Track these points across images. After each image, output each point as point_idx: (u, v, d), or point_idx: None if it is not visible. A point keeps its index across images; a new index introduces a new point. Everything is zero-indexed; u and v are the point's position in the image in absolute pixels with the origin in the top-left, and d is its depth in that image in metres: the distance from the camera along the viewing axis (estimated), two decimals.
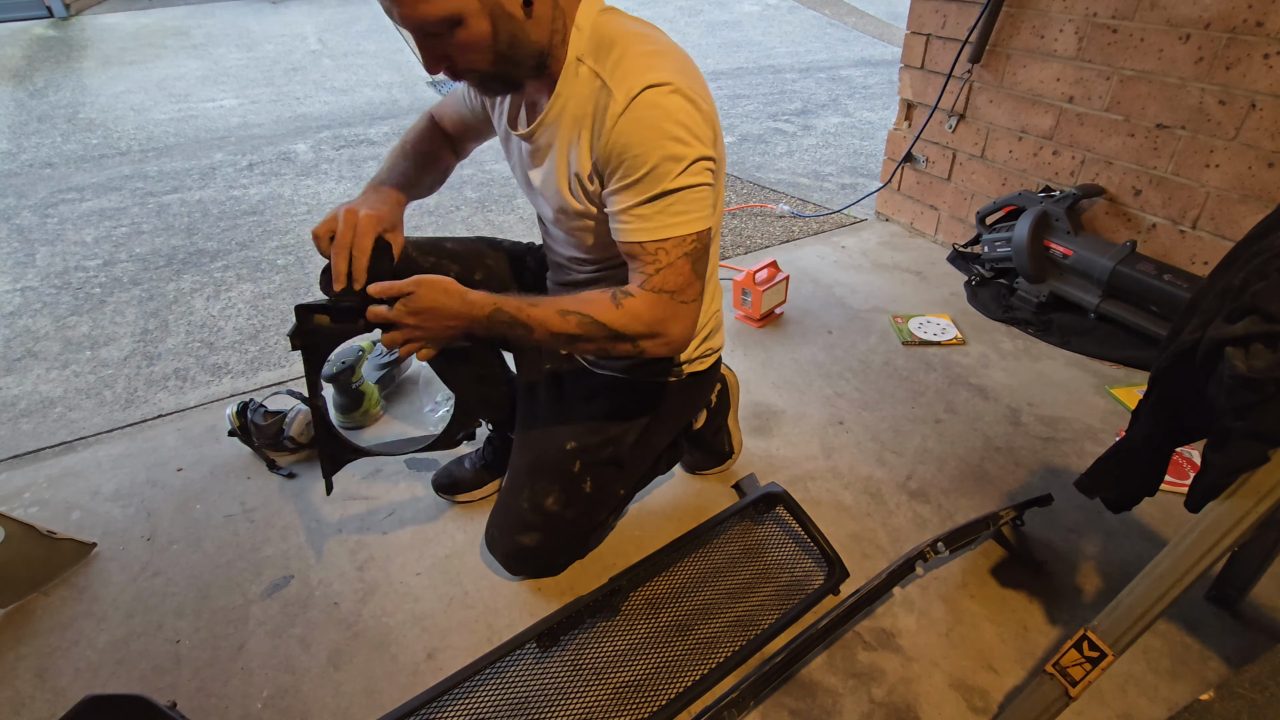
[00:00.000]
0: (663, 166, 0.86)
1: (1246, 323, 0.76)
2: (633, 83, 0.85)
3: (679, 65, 0.88)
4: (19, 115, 4.20)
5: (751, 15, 6.87)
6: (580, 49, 0.90)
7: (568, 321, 0.93)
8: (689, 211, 0.89)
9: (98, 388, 1.83)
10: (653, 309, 0.92)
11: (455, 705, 1.03)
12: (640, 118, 0.85)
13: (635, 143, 0.86)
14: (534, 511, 1.13)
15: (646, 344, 0.95)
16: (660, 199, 0.88)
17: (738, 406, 1.49)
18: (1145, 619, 0.82)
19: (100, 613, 1.20)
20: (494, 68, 0.87)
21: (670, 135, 0.85)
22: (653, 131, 0.85)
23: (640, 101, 0.84)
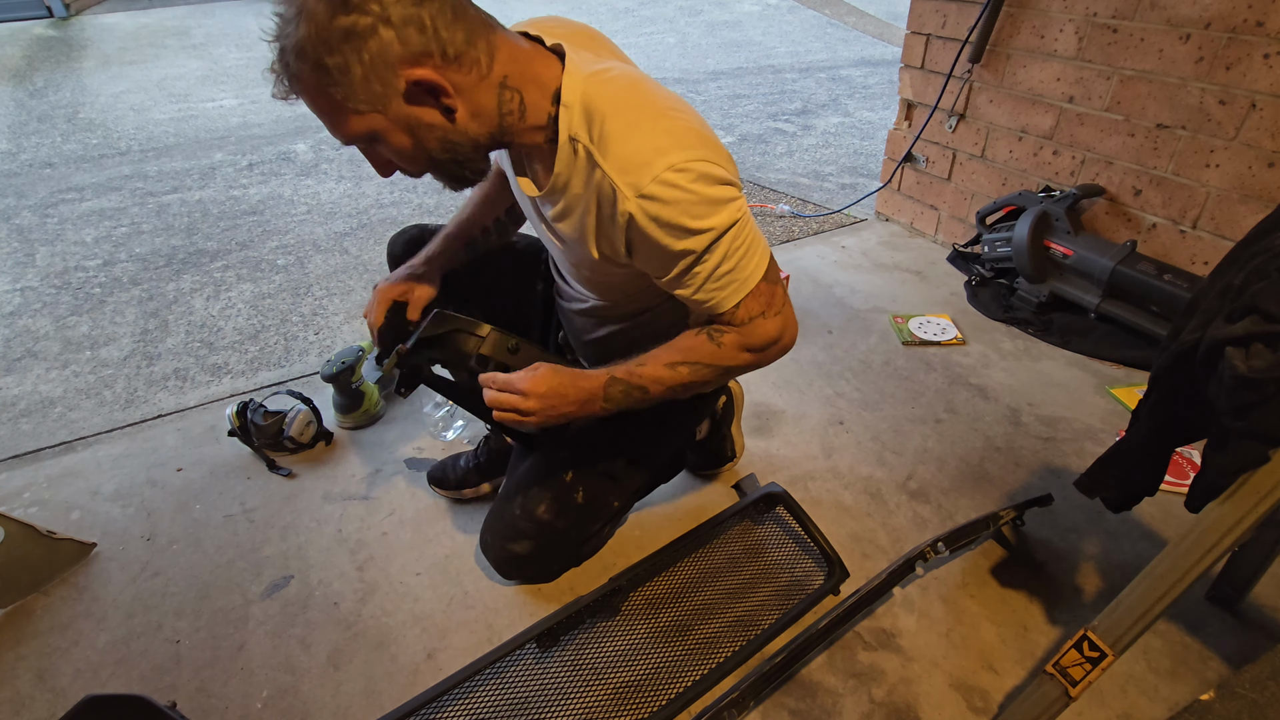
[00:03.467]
0: (706, 252, 0.84)
1: (1247, 323, 0.76)
2: (635, 176, 0.80)
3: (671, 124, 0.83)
4: (19, 115, 4.20)
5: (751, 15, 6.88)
6: (573, 127, 0.84)
7: (679, 373, 0.94)
8: (750, 259, 0.88)
9: (98, 388, 1.83)
10: (753, 335, 0.93)
11: (455, 705, 1.03)
12: (658, 217, 0.81)
13: (668, 244, 0.83)
14: (526, 519, 1.13)
15: (763, 361, 0.97)
16: (724, 271, 0.86)
17: (741, 414, 1.49)
18: (1145, 619, 0.82)
19: (100, 613, 1.20)
20: (436, 170, 0.86)
21: (697, 223, 0.82)
22: (678, 231, 0.82)
23: (653, 200, 0.80)
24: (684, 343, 0.95)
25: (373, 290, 1.15)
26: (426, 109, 0.79)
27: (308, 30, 0.71)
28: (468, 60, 0.77)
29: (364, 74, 0.74)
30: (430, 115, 0.79)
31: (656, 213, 0.81)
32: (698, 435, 1.40)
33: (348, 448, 1.56)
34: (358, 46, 0.72)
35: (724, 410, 1.42)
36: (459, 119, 0.80)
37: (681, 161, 0.80)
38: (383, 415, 1.66)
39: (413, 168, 0.86)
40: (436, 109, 0.79)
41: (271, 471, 1.49)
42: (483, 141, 0.84)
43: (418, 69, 0.75)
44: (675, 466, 1.36)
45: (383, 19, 0.71)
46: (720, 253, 0.85)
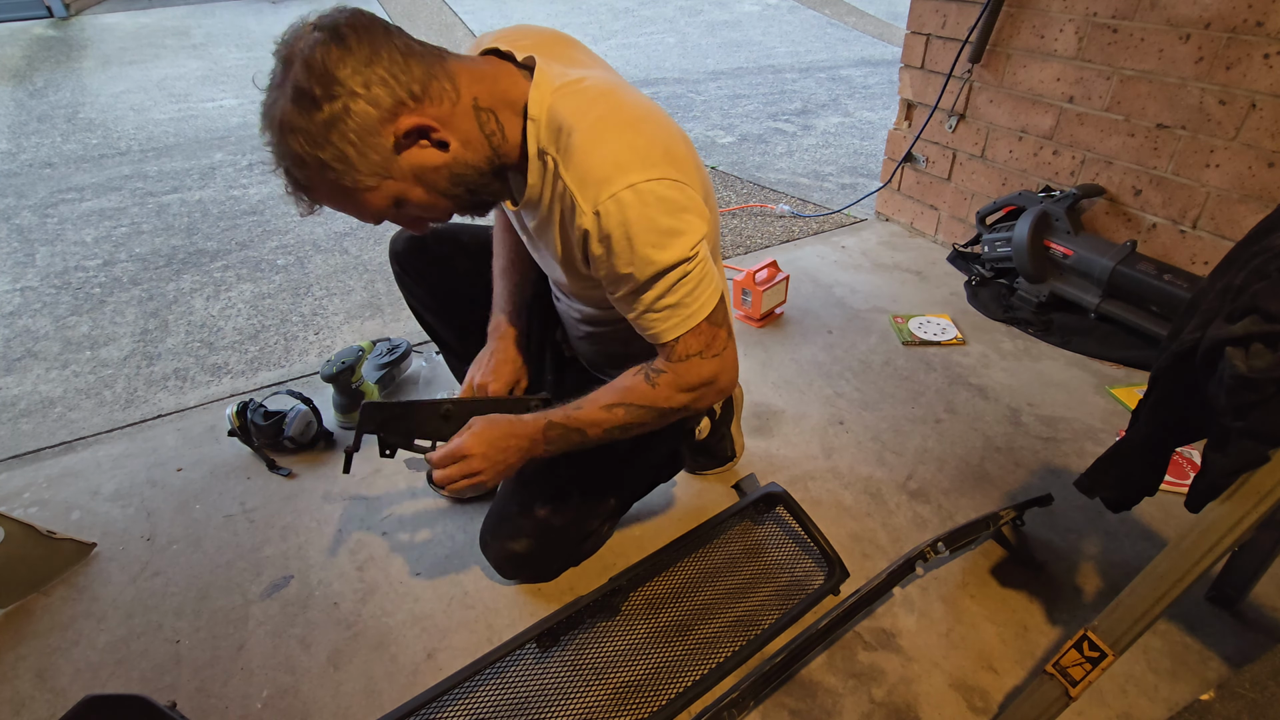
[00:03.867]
0: (651, 282, 0.85)
1: (1247, 323, 0.76)
2: (594, 190, 0.81)
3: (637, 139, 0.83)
4: (19, 115, 4.20)
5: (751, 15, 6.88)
6: (541, 140, 0.84)
7: (615, 414, 0.95)
8: (696, 298, 0.88)
9: (98, 388, 1.83)
10: (687, 375, 0.92)
11: (455, 705, 1.03)
12: (609, 236, 0.82)
13: (614, 264, 0.84)
14: (524, 518, 1.14)
15: (698, 403, 0.96)
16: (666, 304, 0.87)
17: (741, 414, 1.49)
18: (1145, 619, 0.82)
19: (100, 613, 1.20)
20: (460, 207, 0.89)
21: (645, 251, 0.82)
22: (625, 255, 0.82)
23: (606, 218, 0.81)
24: (623, 383, 0.96)
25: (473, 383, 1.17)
26: (425, 152, 0.80)
27: (295, 141, 0.74)
28: (435, 92, 0.79)
29: (358, 152, 0.76)
30: (429, 157, 0.81)
31: (608, 231, 0.81)
32: (698, 435, 1.39)
33: None
34: (342, 131, 0.74)
35: (724, 410, 1.42)
36: (454, 150, 0.82)
37: (641, 180, 0.80)
38: None
39: (439, 215, 0.89)
40: (432, 148, 0.80)
41: (271, 471, 1.49)
42: (485, 167, 0.85)
43: (399, 120, 0.77)
44: (674, 466, 1.36)
45: (350, 94, 0.73)
46: (664, 286, 0.85)
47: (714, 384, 0.94)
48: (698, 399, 0.95)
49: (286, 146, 0.75)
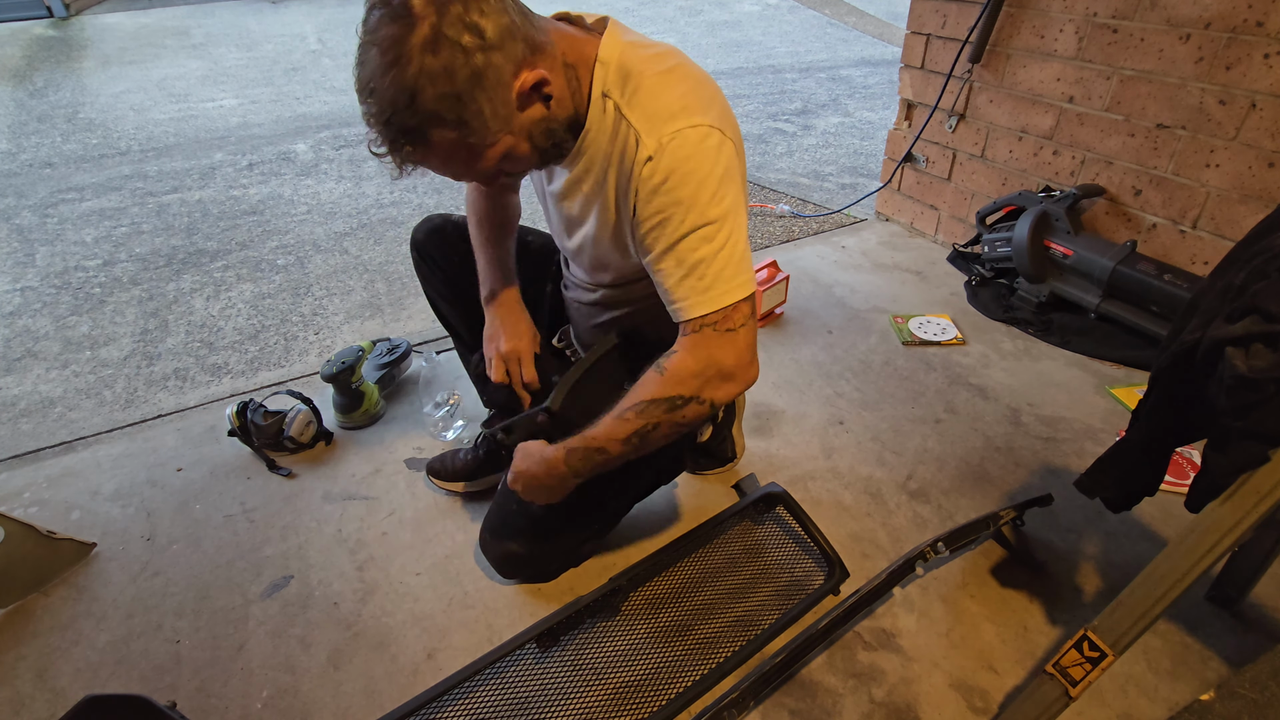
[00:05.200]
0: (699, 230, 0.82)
1: (1247, 323, 0.76)
2: (661, 125, 0.81)
3: (706, 92, 0.85)
4: (19, 115, 4.20)
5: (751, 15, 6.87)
6: (607, 84, 0.85)
7: (628, 420, 0.90)
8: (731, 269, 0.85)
9: (98, 388, 1.83)
10: (696, 354, 0.87)
11: (455, 705, 1.03)
12: (670, 173, 0.81)
13: (672, 202, 0.82)
14: (523, 518, 1.14)
15: (711, 393, 0.89)
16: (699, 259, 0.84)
17: (742, 416, 1.49)
18: (1145, 619, 0.82)
19: (100, 613, 1.20)
20: (543, 161, 0.88)
21: (702, 194, 0.81)
22: (682, 196, 0.81)
23: (670, 153, 0.80)
24: (635, 386, 0.93)
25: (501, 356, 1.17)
26: (537, 106, 0.80)
27: (433, 94, 0.70)
28: (546, 47, 0.79)
29: (492, 107, 0.74)
30: (538, 110, 0.80)
31: (672, 165, 0.80)
32: (700, 437, 1.39)
33: (348, 448, 1.56)
34: (483, 84, 0.72)
35: (725, 413, 1.42)
36: (554, 105, 0.81)
37: (708, 124, 0.80)
38: (383, 415, 1.66)
39: (525, 168, 0.88)
40: (540, 102, 0.80)
41: (271, 471, 1.49)
42: (568, 122, 0.86)
43: (525, 74, 0.76)
44: (675, 469, 1.36)
45: (485, 46, 0.71)
46: (702, 239, 0.83)
47: (720, 369, 0.88)
48: (713, 388, 0.89)
49: (417, 106, 0.71)
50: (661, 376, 0.89)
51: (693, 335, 0.87)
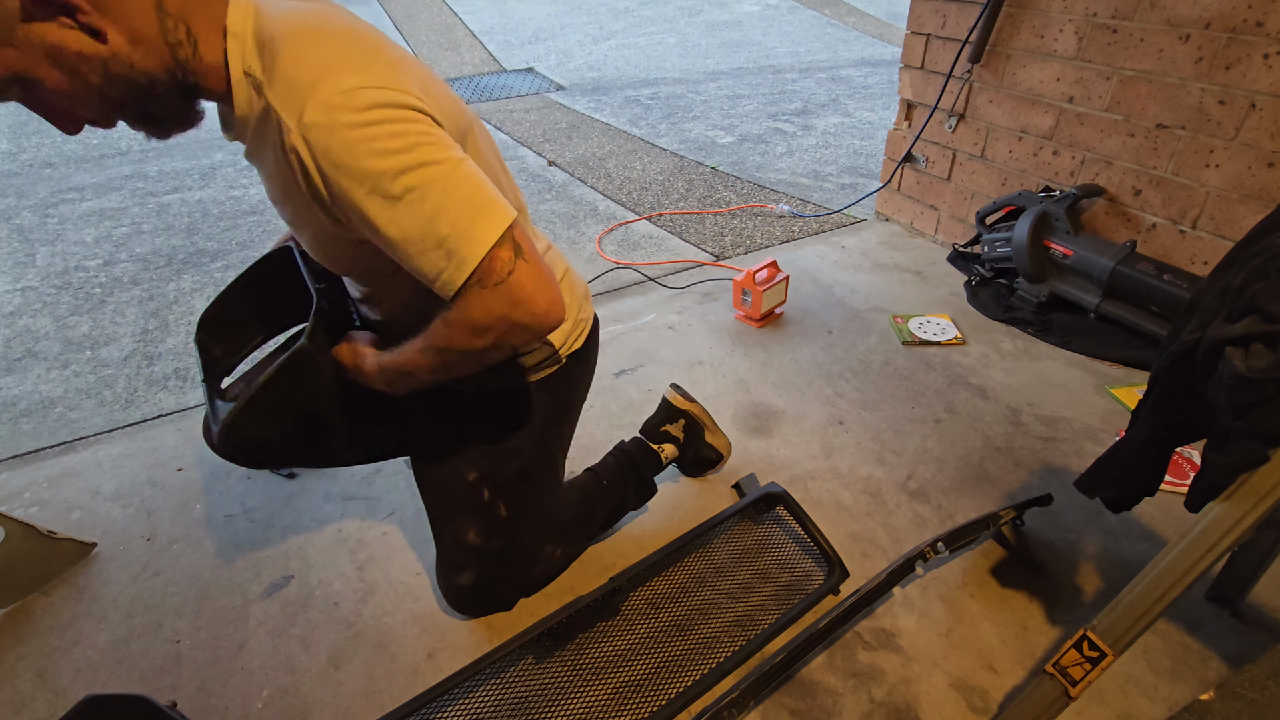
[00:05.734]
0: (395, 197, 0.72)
1: (1246, 323, 0.76)
2: (297, 103, 0.70)
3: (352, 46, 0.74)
4: (19, 115, 4.20)
5: (751, 15, 6.88)
6: (246, 60, 0.74)
7: (427, 358, 0.84)
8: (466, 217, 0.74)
9: (98, 388, 1.83)
10: (471, 312, 0.77)
11: (455, 705, 1.03)
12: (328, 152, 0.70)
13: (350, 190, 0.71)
14: (460, 550, 1.10)
15: (508, 340, 0.80)
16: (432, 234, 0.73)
17: (714, 426, 1.44)
18: (1145, 619, 0.82)
19: (100, 613, 1.20)
20: (122, 113, 0.75)
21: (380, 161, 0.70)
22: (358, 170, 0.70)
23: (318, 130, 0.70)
24: (430, 325, 0.83)
25: None
26: (67, 33, 0.67)
27: None
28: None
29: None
30: (75, 40, 0.68)
31: (325, 147, 0.70)
32: (665, 460, 1.35)
33: None
34: None
35: (686, 434, 1.39)
36: (114, 44, 0.69)
37: (355, 85, 0.70)
38: None
39: (88, 111, 0.74)
40: (78, 30, 0.68)
41: (271, 471, 1.49)
42: (160, 77, 0.73)
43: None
44: (642, 495, 1.32)
45: None
46: (426, 202, 0.72)
47: (506, 319, 0.77)
48: (498, 338, 0.79)
49: None
50: (447, 330, 0.80)
51: (460, 299, 0.77)
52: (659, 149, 3.60)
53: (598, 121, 4.09)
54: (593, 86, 4.86)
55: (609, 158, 3.48)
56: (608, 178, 3.21)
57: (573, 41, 6.04)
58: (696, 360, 1.84)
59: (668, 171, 3.27)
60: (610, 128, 3.97)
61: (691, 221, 2.75)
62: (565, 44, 5.98)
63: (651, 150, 3.59)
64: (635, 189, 3.07)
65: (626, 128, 3.96)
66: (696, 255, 2.45)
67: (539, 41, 6.05)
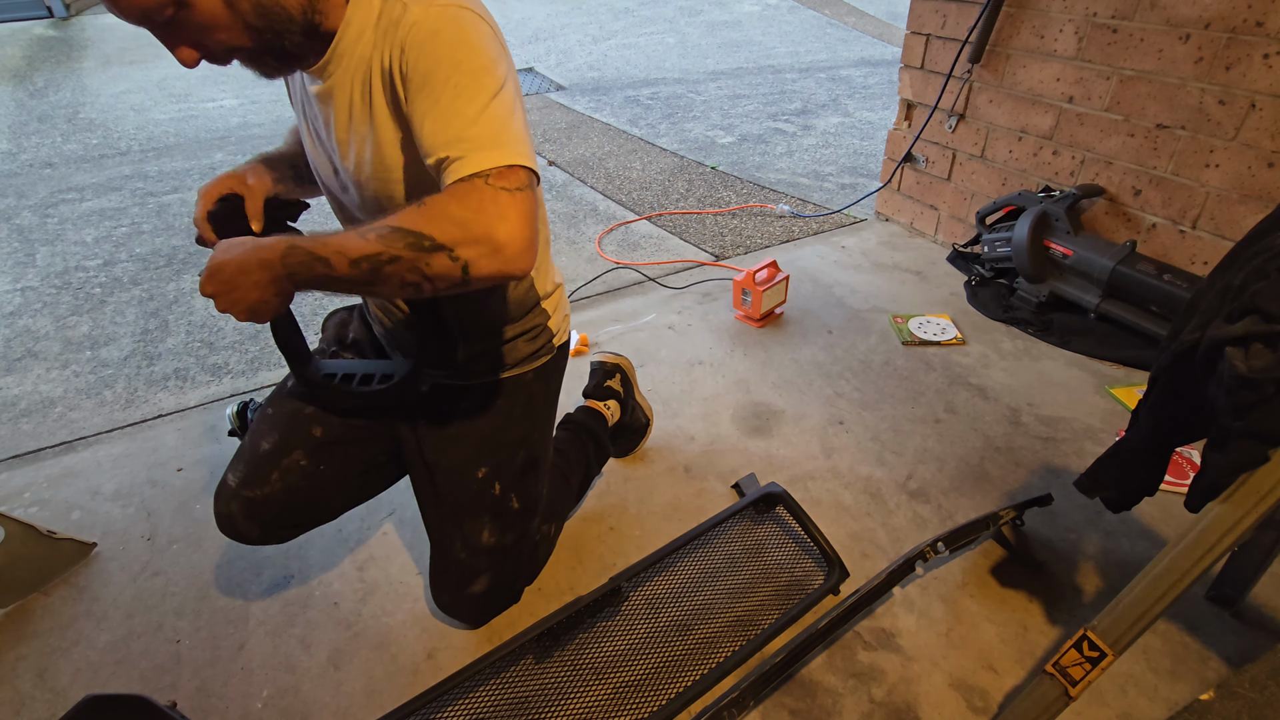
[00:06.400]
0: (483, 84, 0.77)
1: (1246, 323, 0.76)
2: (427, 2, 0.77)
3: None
4: (19, 115, 4.20)
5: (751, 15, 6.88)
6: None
7: (366, 242, 0.74)
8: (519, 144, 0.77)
9: (98, 388, 1.83)
10: (465, 201, 0.73)
11: (455, 705, 1.03)
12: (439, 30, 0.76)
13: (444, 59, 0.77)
14: (474, 555, 1.07)
15: (467, 252, 0.73)
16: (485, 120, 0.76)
17: (636, 380, 1.55)
18: (1145, 619, 0.82)
19: (100, 613, 1.20)
20: (254, 43, 0.77)
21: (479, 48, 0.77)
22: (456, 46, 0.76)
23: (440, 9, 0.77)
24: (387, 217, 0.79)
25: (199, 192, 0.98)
26: None
27: None
28: None
29: None
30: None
31: (438, 25, 0.76)
32: (611, 420, 1.42)
33: None
34: None
35: (624, 386, 1.48)
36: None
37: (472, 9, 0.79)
38: None
39: (230, 37, 0.75)
40: None
41: None
42: (296, 15, 0.78)
43: None
44: (602, 456, 1.40)
45: None
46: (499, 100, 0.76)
47: (488, 235, 0.73)
48: (468, 245, 0.73)
49: None
50: (419, 209, 0.75)
51: (464, 183, 0.74)
52: (659, 149, 3.60)
53: (598, 121, 4.09)
54: (593, 86, 4.86)
55: (609, 158, 3.48)
56: (608, 178, 3.21)
57: (573, 41, 6.04)
58: (696, 360, 1.84)
59: (668, 171, 3.27)
60: (610, 127, 3.97)
61: (691, 221, 2.75)
62: (565, 44, 5.98)
63: (651, 150, 3.59)
64: (635, 189, 3.07)
65: (626, 128, 3.96)
66: (696, 255, 2.46)
67: (539, 41, 6.05)
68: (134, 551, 1.32)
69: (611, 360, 1.51)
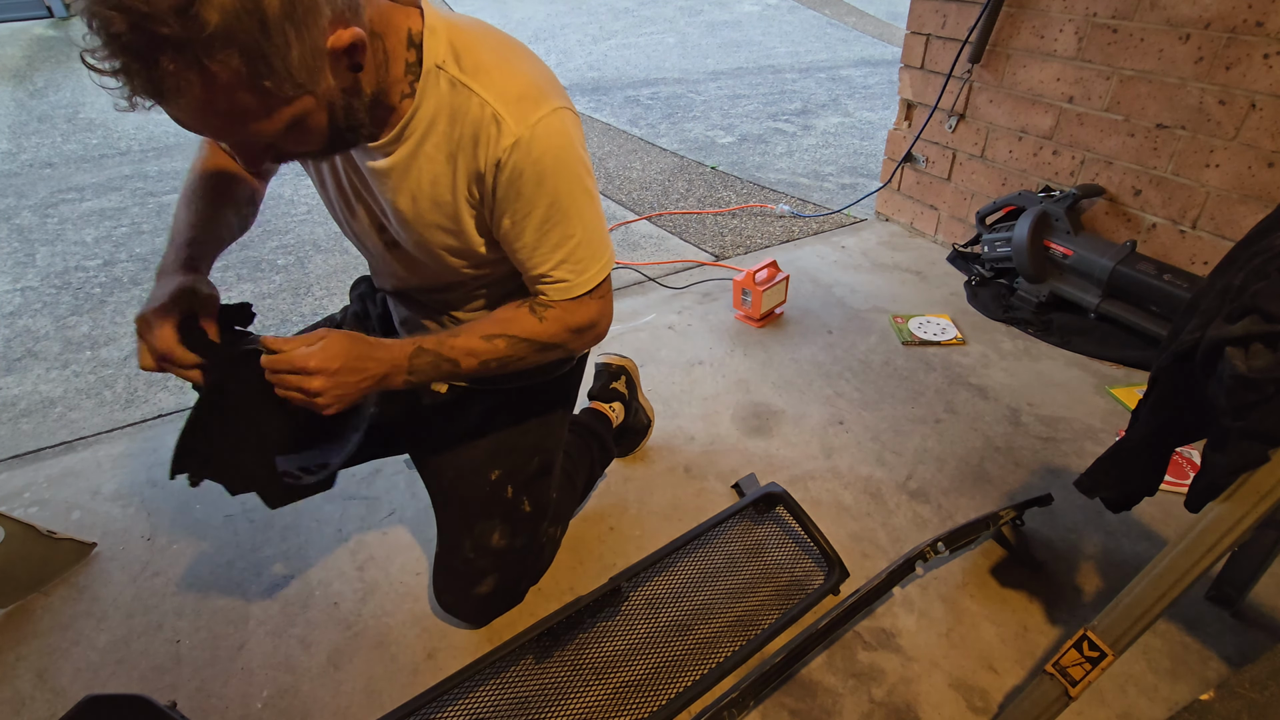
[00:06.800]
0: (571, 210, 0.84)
1: (1246, 323, 0.76)
2: (524, 109, 0.77)
3: (542, 70, 0.83)
4: (19, 115, 4.20)
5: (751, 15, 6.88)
6: (439, 56, 0.77)
7: (495, 346, 0.90)
8: (601, 239, 0.90)
9: (98, 388, 1.83)
10: (576, 314, 0.92)
11: (455, 705, 1.03)
12: (540, 159, 0.79)
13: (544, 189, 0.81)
14: (482, 556, 1.07)
15: (577, 345, 0.96)
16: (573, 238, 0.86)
17: (640, 382, 1.57)
18: (1145, 619, 0.82)
19: (100, 613, 1.20)
20: (331, 145, 0.75)
21: (577, 173, 0.83)
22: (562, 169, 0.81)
23: (543, 137, 0.78)
24: (504, 314, 0.92)
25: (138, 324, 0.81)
26: (343, 73, 0.68)
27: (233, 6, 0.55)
28: (360, 7, 0.67)
29: (301, 52, 0.61)
30: (346, 79, 0.69)
31: (540, 152, 0.78)
32: (615, 422, 1.43)
33: None
34: (297, 20, 0.60)
35: (628, 388, 1.49)
36: (362, 78, 0.71)
37: (564, 106, 0.81)
38: None
39: (314, 144, 0.73)
40: (349, 70, 0.69)
41: None
42: (369, 98, 0.75)
43: (342, 30, 0.64)
44: (606, 458, 1.40)
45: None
46: (577, 217, 0.85)
47: (595, 327, 0.95)
48: (580, 340, 0.95)
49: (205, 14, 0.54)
50: (540, 324, 0.91)
51: (573, 301, 0.91)
52: (659, 149, 3.60)
53: (598, 121, 4.09)
54: (593, 86, 4.86)
55: (609, 157, 3.48)
56: (608, 177, 3.21)
57: (572, 41, 6.04)
58: (696, 360, 1.84)
59: (668, 171, 3.27)
60: (610, 127, 3.97)
61: (691, 221, 2.75)
62: (565, 44, 5.98)
63: (651, 150, 3.59)
64: (635, 189, 3.07)
65: (626, 127, 3.96)
66: (696, 255, 2.45)
67: (539, 41, 6.05)
68: (134, 551, 1.32)
69: (617, 362, 1.51)
